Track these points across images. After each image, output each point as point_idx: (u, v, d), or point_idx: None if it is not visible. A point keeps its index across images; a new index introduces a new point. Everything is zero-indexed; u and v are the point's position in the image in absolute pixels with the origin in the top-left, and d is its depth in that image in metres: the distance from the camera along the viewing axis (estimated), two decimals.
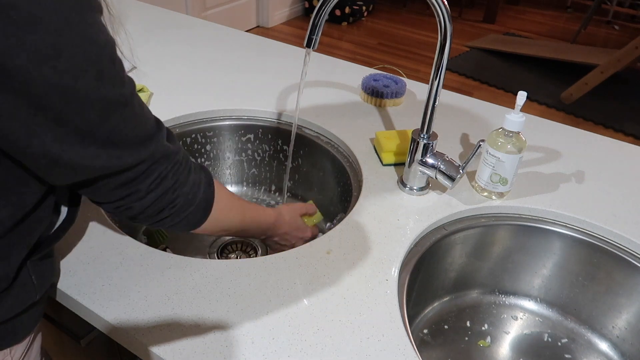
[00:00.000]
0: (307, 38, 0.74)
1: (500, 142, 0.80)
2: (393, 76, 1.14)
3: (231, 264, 0.69)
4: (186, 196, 0.57)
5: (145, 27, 1.42)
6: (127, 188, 0.52)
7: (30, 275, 0.56)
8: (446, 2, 0.68)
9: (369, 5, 4.48)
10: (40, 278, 0.58)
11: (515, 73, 3.53)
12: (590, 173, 0.93)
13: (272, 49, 1.34)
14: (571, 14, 4.89)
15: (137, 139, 0.50)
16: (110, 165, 0.48)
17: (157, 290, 0.65)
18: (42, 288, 0.59)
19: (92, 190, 0.52)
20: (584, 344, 0.85)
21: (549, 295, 0.88)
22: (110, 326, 0.61)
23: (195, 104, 1.06)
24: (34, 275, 0.57)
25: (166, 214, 0.57)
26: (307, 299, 0.65)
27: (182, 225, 0.60)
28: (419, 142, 0.81)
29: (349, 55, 3.69)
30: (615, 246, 0.80)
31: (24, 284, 0.56)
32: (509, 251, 0.86)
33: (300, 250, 0.72)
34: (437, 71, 0.74)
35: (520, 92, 0.76)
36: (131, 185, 0.52)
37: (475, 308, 0.89)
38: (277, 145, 1.09)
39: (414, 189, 0.85)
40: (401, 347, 0.60)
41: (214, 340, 0.59)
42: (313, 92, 1.14)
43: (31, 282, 0.57)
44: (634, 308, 0.81)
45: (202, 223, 0.62)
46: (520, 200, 0.85)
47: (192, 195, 0.58)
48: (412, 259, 0.74)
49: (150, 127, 0.51)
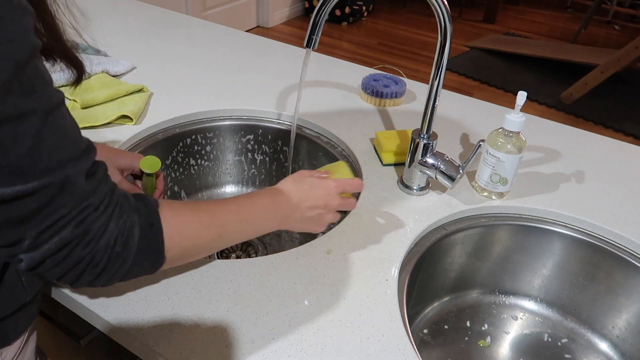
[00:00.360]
0: (307, 38, 0.74)
1: (500, 142, 0.80)
2: (393, 76, 1.14)
3: (231, 264, 0.69)
4: (109, 250, 0.46)
5: (145, 27, 1.42)
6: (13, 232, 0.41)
7: (20, 277, 0.55)
8: (446, 2, 0.68)
9: (369, 5, 4.48)
10: (30, 280, 0.56)
11: (515, 73, 3.53)
12: (590, 173, 0.93)
13: (272, 49, 1.34)
14: (571, 14, 4.90)
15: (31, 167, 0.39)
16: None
17: (157, 290, 0.65)
18: (33, 289, 0.57)
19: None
20: (584, 344, 0.85)
21: (549, 295, 0.88)
22: (110, 326, 0.61)
23: (195, 104, 1.06)
24: (23, 277, 0.55)
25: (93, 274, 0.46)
26: (307, 299, 0.65)
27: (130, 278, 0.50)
28: (419, 142, 0.81)
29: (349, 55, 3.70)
30: (615, 246, 0.80)
31: (13, 286, 0.54)
32: (509, 251, 0.86)
33: (300, 250, 0.72)
34: (437, 71, 0.74)
35: (520, 92, 0.76)
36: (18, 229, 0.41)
37: (475, 308, 0.89)
38: (277, 145, 1.09)
39: (414, 189, 0.85)
40: (401, 347, 0.60)
41: (214, 340, 0.59)
42: (313, 92, 1.14)
43: (20, 284, 0.55)
44: (634, 308, 0.81)
45: (158, 268, 0.51)
46: (520, 200, 0.85)
47: (120, 247, 0.46)
48: (412, 259, 0.74)
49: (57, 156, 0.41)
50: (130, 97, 1.04)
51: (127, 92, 1.05)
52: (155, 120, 1.00)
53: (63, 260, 0.44)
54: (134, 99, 1.03)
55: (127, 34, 1.37)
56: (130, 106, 1.00)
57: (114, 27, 1.41)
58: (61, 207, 0.42)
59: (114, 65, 1.13)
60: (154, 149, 0.99)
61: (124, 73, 1.15)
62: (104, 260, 0.46)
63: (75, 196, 0.43)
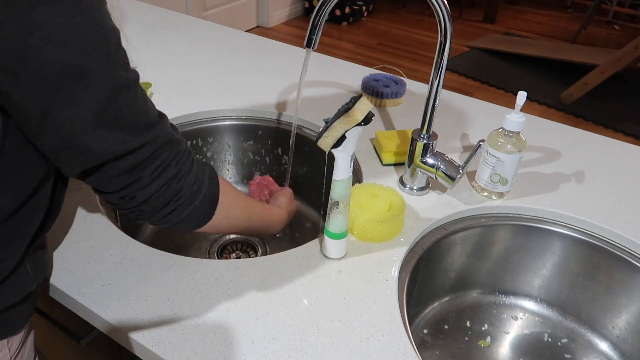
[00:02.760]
0: (307, 38, 0.74)
1: (500, 142, 0.80)
2: (393, 76, 1.14)
3: (231, 264, 0.69)
4: (190, 187, 0.56)
5: (145, 27, 1.42)
6: (130, 175, 0.52)
7: (25, 265, 0.57)
8: (446, 2, 0.68)
9: (369, 5, 4.48)
10: (34, 268, 0.59)
11: (515, 73, 3.53)
12: (590, 173, 0.93)
13: (272, 49, 1.34)
14: (571, 14, 4.89)
15: (141, 124, 0.50)
16: (115, 149, 0.49)
17: (157, 290, 0.65)
18: (38, 278, 0.59)
19: (97, 178, 0.52)
20: (584, 344, 0.85)
21: (549, 295, 0.88)
22: (110, 326, 0.61)
23: (195, 104, 1.06)
24: (29, 265, 0.58)
25: (172, 208, 0.56)
26: (307, 299, 0.65)
27: (189, 221, 0.59)
28: (419, 142, 0.81)
29: (349, 55, 3.69)
30: (615, 246, 0.80)
31: (19, 274, 0.56)
32: (509, 251, 0.86)
33: (301, 250, 0.73)
34: (437, 71, 0.74)
35: (520, 92, 0.76)
36: (134, 172, 0.51)
37: (475, 308, 0.89)
38: (277, 145, 1.09)
39: (414, 189, 0.85)
40: (401, 347, 0.60)
41: (214, 340, 0.59)
42: (313, 92, 1.14)
43: (27, 272, 0.57)
44: (634, 308, 0.81)
45: (209, 218, 0.61)
46: (520, 200, 0.85)
47: (196, 187, 0.57)
48: (412, 259, 0.74)
49: (153, 115, 0.52)
50: None
51: None
52: None
53: (163, 193, 0.54)
54: None
55: (127, 34, 1.37)
56: None
57: None
58: (165, 152, 0.53)
59: None
60: None
61: None
62: (185, 195, 0.56)
63: (173, 144, 0.54)
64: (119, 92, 0.47)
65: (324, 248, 0.72)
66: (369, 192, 0.78)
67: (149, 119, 0.51)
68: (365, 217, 0.73)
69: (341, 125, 0.60)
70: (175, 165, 0.54)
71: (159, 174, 0.53)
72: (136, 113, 0.50)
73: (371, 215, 0.74)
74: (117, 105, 0.47)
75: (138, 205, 0.54)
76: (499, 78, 3.44)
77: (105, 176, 0.51)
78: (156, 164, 0.52)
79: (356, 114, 0.60)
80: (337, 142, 0.61)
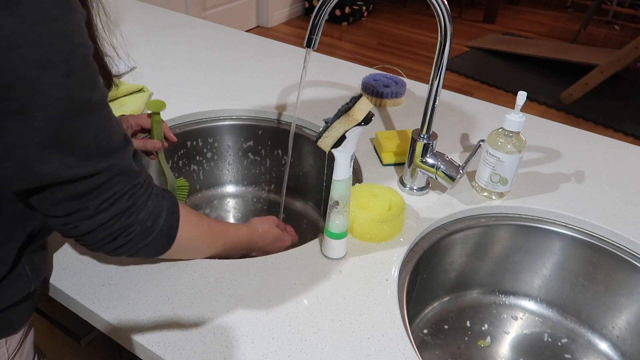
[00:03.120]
0: (307, 38, 0.74)
1: (500, 142, 0.80)
2: (393, 76, 1.14)
3: (231, 264, 0.69)
4: (143, 223, 0.53)
5: (145, 27, 1.42)
6: (76, 202, 0.48)
7: (24, 266, 0.57)
8: (446, 2, 0.68)
9: (369, 5, 4.48)
10: (33, 270, 0.58)
11: (515, 73, 3.53)
12: (590, 173, 0.93)
13: (272, 49, 1.34)
14: (571, 14, 4.90)
15: (97, 151, 0.47)
16: (60, 173, 0.45)
17: (157, 290, 0.65)
18: (37, 279, 0.59)
19: (40, 200, 0.48)
20: (584, 344, 0.85)
21: (549, 295, 0.88)
22: (110, 326, 0.61)
23: (195, 104, 1.06)
24: (27, 266, 0.57)
25: (121, 242, 0.53)
26: (307, 299, 0.65)
27: (141, 254, 0.57)
28: (419, 142, 0.81)
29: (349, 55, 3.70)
30: (615, 246, 0.80)
31: (18, 275, 0.56)
32: (509, 251, 0.86)
33: (301, 250, 0.72)
34: (437, 71, 0.74)
35: (520, 92, 0.76)
36: (81, 200, 0.48)
37: (475, 308, 0.89)
38: (277, 145, 1.09)
39: (414, 189, 0.85)
40: (401, 347, 0.60)
41: (214, 340, 0.59)
42: (313, 92, 1.14)
43: (25, 273, 0.57)
44: (634, 308, 0.81)
45: (163, 252, 0.59)
46: (520, 200, 0.85)
47: (150, 223, 0.54)
48: (412, 259, 0.74)
49: (114, 142, 0.49)
50: (130, 97, 1.04)
51: (127, 92, 1.05)
52: None
53: (110, 227, 0.51)
54: (133, 99, 1.03)
55: (127, 34, 1.37)
56: (130, 106, 1.00)
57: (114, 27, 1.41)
58: (118, 183, 0.50)
59: (113, 66, 1.13)
60: None
61: (124, 73, 1.15)
62: (136, 231, 0.53)
63: (130, 175, 0.51)
64: (77, 114, 0.44)
65: (324, 248, 0.72)
66: (369, 192, 0.78)
67: (108, 146, 0.48)
68: (365, 217, 0.73)
69: (341, 125, 0.60)
70: (128, 199, 0.51)
71: (108, 206, 0.50)
72: (94, 139, 0.46)
73: (371, 215, 0.74)
74: (72, 128, 0.44)
75: (82, 236, 0.51)
76: (499, 78, 3.44)
77: (49, 199, 0.48)
78: (106, 195, 0.49)
79: (356, 114, 0.60)
80: (337, 142, 0.61)
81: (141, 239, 0.54)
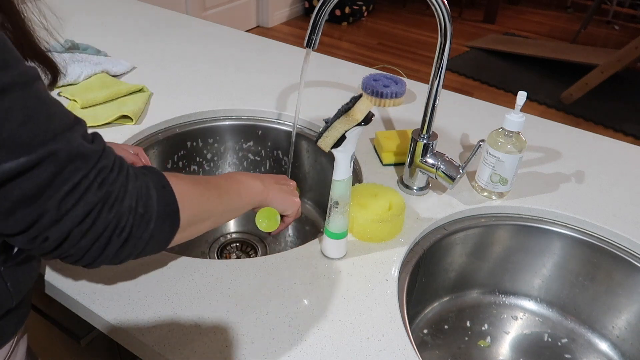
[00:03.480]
0: (307, 38, 0.74)
1: (500, 142, 0.80)
2: (393, 76, 1.14)
3: (231, 264, 0.69)
4: (134, 212, 0.44)
5: (145, 26, 1.42)
6: (30, 210, 0.39)
7: (5, 282, 0.52)
8: (446, 2, 0.68)
9: (369, 5, 4.48)
10: (16, 285, 0.53)
11: (515, 73, 3.53)
12: (590, 173, 0.93)
13: (272, 49, 1.34)
14: (571, 14, 4.90)
15: (29, 138, 0.38)
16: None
17: (157, 290, 0.65)
18: (19, 294, 0.55)
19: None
20: (584, 344, 0.85)
21: (549, 295, 0.88)
22: (110, 326, 0.61)
23: (195, 104, 1.06)
24: (9, 282, 0.52)
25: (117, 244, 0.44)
26: (307, 299, 0.65)
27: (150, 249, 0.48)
28: (419, 142, 0.81)
29: (349, 55, 3.70)
30: (615, 246, 0.80)
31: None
32: (509, 251, 0.86)
33: (301, 250, 0.73)
34: (437, 71, 0.74)
35: (520, 92, 0.76)
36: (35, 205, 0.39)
37: (475, 308, 0.89)
38: (277, 145, 1.09)
39: (414, 189, 0.85)
40: (401, 347, 0.60)
41: (214, 340, 0.59)
42: (313, 92, 1.14)
43: (6, 289, 0.52)
44: (634, 308, 0.81)
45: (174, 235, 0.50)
46: (520, 200, 0.85)
47: (142, 209, 0.45)
48: (412, 259, 0.74)
49: (55, 125, 0.40)
50: (130, 97, 1.04)
51: (127, 92, 1.05)
52: (155, 120, 1.00)
53: (90, 228, 0.42)
54: (134, 99, 1.03)
55: (127, 34, 1.37)
56: (130, 106, 1.00)
57: (114, 27, 1.41)
58: (75, 172, 0.40)
59: (114, 66, 1.13)
60: (154, 149, 0.99)
61: (124, 73, 1.15)
62: (129, 223, 0.44)
63: (86, 158, 0.41)
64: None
65: (324, 248, 0.72)
66: (369, 192, 0.78)
67: (46, 130, 0.39)
68: (365, 217, 0.73)
69: (341, 125, 0.60)
70: (99, 187, 0.42)
71: (75, 202, 0.40)
72: (21, 124, 0.38)
73: (371, 215, 0.74)
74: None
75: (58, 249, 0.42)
76: (499, 78, 3.45)
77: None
78: (65, 188, 0.40)
79: (356, 114, 0.60)
80: (337, 142, 0.61)
81: (140, 231, 0.45)
